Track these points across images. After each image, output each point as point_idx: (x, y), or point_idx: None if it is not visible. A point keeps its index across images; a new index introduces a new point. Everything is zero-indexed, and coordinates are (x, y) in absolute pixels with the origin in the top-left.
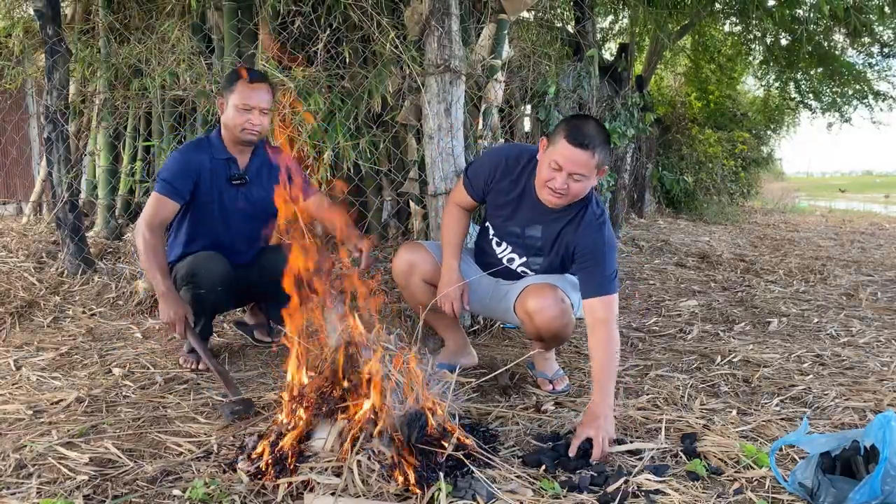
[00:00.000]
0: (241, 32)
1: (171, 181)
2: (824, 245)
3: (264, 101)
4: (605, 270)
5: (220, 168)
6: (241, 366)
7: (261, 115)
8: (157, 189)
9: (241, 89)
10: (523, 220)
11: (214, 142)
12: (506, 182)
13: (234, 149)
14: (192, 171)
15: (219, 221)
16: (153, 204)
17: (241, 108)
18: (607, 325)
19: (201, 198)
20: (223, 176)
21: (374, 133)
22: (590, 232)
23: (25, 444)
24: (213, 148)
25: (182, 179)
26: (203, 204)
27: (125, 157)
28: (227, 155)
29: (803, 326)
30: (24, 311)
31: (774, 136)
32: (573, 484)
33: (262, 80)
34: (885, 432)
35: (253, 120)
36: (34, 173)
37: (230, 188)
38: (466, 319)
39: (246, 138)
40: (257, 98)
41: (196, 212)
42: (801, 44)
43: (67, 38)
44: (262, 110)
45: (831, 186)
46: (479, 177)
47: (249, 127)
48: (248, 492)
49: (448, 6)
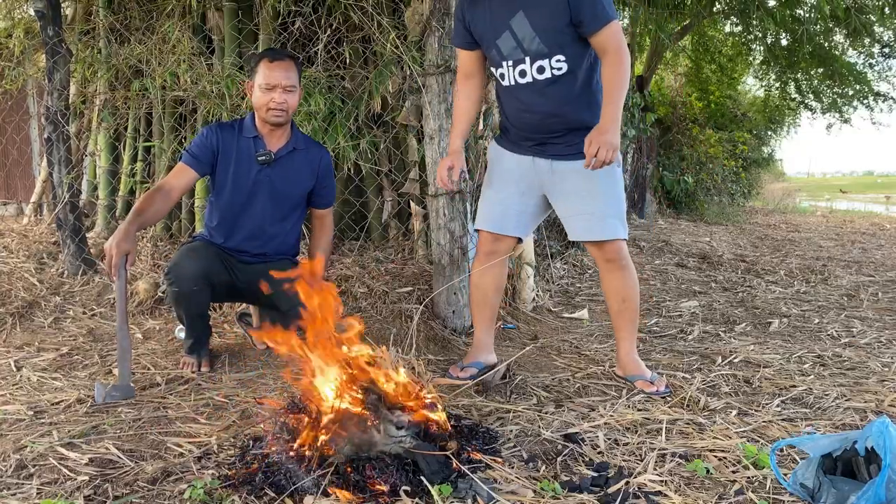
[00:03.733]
0: (241, 33)
1: (191, 151)
2: (825, 245)
3: (286, 77)
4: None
5: (247, 146)
6: (242, 366)
7: (284, 92)
8: (181, 158)
9: (263, 69)
10: (503, 16)
11: (246, 122)
12: (475, 5)
13: (263, 129)
14: (213, 144)
15: (244, 198)
16: (174, 169)
17: (264, 87)
18: (618, 53)
19: (224, 173)
20: (250, 154)
21: (374, 133)
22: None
23: (26, 445)
24: (244, 128)
25: (201, 150)
26: (228, 179)
27: (126, 158)
28: (255, 133)
29: (804, 327)
30: (25, 312)
31: (775, 136)
32: (574, 484)
33: (283, 58)
34: (886, 438)
35: (276, 98)
36: (35, 174)
37: (255, 165)
38: (468, 319)
39: (272, 118)
40: (279, 76)
41: (221, 187)
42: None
43: (68, 39)
44: (286, 88)
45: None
46: (457, 25)
47: (274, 106)
48: (248, 492)
49: (448, 6)
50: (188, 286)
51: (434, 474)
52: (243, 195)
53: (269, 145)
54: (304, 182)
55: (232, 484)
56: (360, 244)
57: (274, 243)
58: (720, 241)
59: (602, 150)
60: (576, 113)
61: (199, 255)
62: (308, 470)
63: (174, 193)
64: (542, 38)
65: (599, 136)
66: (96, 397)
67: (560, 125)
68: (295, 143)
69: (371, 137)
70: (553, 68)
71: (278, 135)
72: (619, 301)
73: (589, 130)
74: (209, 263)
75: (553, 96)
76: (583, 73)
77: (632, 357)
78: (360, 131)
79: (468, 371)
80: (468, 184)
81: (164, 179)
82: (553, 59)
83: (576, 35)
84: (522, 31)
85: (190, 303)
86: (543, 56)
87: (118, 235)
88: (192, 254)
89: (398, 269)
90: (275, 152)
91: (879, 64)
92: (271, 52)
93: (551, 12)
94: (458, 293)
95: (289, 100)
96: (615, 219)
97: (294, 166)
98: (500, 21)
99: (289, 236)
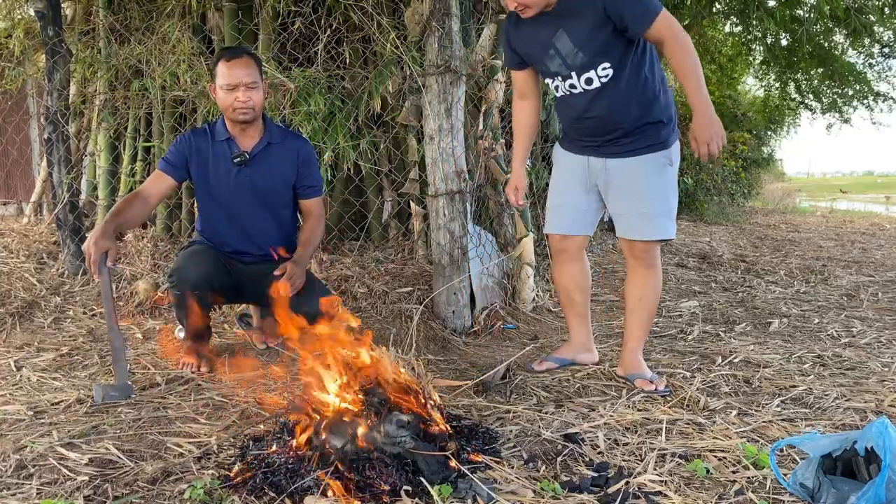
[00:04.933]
0: (241, 33)
1: (166, 158)
2: (825, 245)
3: (247, 75)
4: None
5: (222, 150)
6: (242, 367)
7: (247, 90)
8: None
9: (222, 70)
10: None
11: (217, 126)
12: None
13: (234, 130)
14: (184, 150)
15: (227, 202)
16: (151, 176)
17: (226, 88)
18: (675, 40)
19: (203, 179)
20: (226, 157)
21: (374, 134)
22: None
23: (26, 445)
24: (216, 132)
25: (176, 157)
26: (207, 185)
27: (125, 158)
28: (226, 136)
29: (804, 327)
30: (25, 312)
31: (775, 136)
32: (574, 485)
33: (240, 55)
34: (885, 439)
35: (240, 97)
36: (35, 174)
37: (233, 168)
38: (468, 319)
39: (240, 117)
40: (239, 74)
41: (203, 193)
42: (801, 44)
43: (68, 39)
44: (248, 85)
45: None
46: (505, 48)
47: (239, 105)
48: (248, 492)
49: (448, 6)
50: (190, 289)
51: (434, 474)
52: (226, 199)
53: (242, 145)
54: (285, 175)
55: (232, 484)
56: (360, 244)
57: (268, 242)
58: (720, 241)
59: (713, 144)
60: (629, 115)
61: (200, 259)
62: (308, 470)
63: (152, 200)
64: (584, 51)
65: (703, 130)
66: (95, 398)
67: (615, 128)
68: (269, 137)
69: (371, 137)
70: (600, 77)
71: (251, 133)
72: (636, 299)
73: (643, 129)
74: (211, 266)
75: (605, 103)
76: (630, 70)
77: (635, 356)
78: (360, 131)
79: (545, 364)
80: (468, 184)
81: (143, 186)
82: (599, 68)
83: (619, 38)
84: (566, 48)
85: (192, 305)
86: (589, 67)
87: (95, 234)
88: (194, 257)
89: (398, 269)
90: (249, 151)
91: (879, 64)
92: (228, 52)
93: (591, 25)
94: (458, 293)
95: (253, 97)
96: (665, 218)
97: (272, 161)
98: (545, 41)
99: (284, 234)
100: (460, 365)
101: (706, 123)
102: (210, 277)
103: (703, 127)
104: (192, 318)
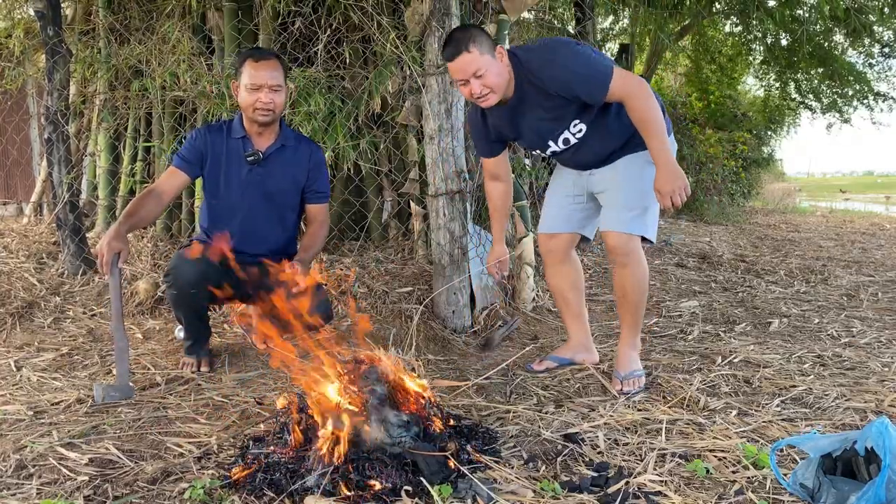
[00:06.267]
0: (241, 33)
1: (181, 154)
2: (825, 245)
3: (272, 77)
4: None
5: (236, 147)
6: (242, 367)
7: (271, 92)
8: (171, 161)
9: (248, 69)
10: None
11: (234, 123)
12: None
13: (251, 129)
14: (200, 145)
15: (235, 200)
16: (165, 173)
17: (250, 87)
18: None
19: (214, 174)
20: (240, 154)
21: (374, 134)
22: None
23: (26, 445)
24: (232, 129)
25: (190, 153)
26: (217, 181)
27: (125, 158)
28: (242, 134)
29: (804, 327)
30: (25, 312)
31: (775, 136)
32: (574, 485)
33: (268, 57)
34: (885, 438)
35: (263, 98)
36: (35, 174)
37: (245, 166)
38: (468, 319)
39: (259, 118)
40: (264, 76)
41: (212, 189)
42: (801, 44)
43: (68, 39)
44: (272, 87)
45: (832, 187)
46: (475, 137)
47: (260, 106)
48: (248, 492)
49: (448, 6)
50: (187, 288)
51: (434, 474)
52: (235, 196)
53: (257, 145)
54: (296, 177)
55: (232, 484)
56: (360, 244)
57: (270, 243)
58: (720, 241)
59: (675, 196)
60: (613, 146)
61: (197, 258)
62: (308, 470)
63: (165, 197)
64: (554, 124)
65: (666, 184)
66: (95, 398)
67: (602, 158)
68: (284, 140)
69: (371, 137)
70: (575, 135)
71: (267, 134)
72: (620, 295)
73: (626, 143)
74: (208, 265)
75: (586, 150)
76: (601, 115)
77: (624, 351)
78: (360, 131)
79: (544, 364)
80: (468, 184)
81: (156, 183)
82: (571, 126)
83: (581, 104)
84: (535, 125)
85: (189, 305)
86: (562, 131)
87: (109, 235)
88: (185, 258)
89: (398, 269)
90: (263, 151)
91: (879, 64)
92: (256, 52)
93: (553, 105)
94: (458, 293)
95: (275, 99)
96: (639, 213)
97: (284, 163)
98: (514, 125)
99: (287, 237)
100: (460, 365)
101: (669, 177)
102: (207, 275)
103: (667, 181)
104: (191, 317)
